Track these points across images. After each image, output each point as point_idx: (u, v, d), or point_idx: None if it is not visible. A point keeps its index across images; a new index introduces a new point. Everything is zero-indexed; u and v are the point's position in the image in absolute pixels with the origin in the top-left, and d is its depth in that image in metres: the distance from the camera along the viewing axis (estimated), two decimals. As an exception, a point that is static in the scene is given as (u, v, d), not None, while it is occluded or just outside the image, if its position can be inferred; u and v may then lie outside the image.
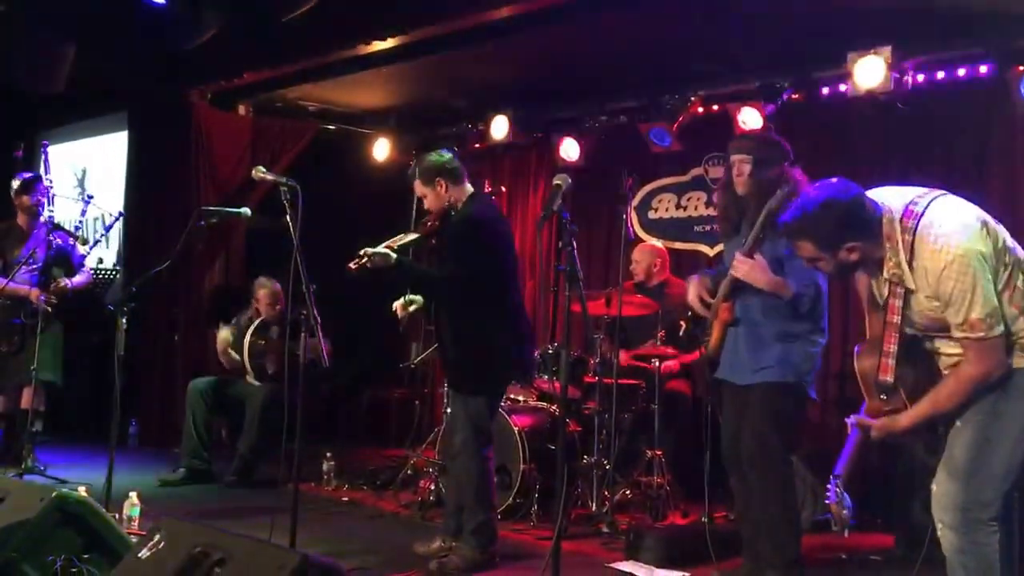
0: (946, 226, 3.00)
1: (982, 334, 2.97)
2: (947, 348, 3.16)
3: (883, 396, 3.22)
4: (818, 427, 6.68)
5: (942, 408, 3.11)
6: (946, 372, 3.18)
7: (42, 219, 6.86)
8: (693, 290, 4.39)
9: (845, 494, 3.31)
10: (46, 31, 7.18)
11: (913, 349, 3.22)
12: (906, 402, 3.18)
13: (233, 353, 6.90)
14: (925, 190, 3.16)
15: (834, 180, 3.18)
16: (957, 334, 3.02)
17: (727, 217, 4.43)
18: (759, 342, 4.25)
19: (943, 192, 3.16)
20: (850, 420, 3.33)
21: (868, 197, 3.11)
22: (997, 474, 3.05)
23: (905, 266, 3.06)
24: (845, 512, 3.31)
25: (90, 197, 7.05)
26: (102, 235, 6.97)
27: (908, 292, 3.09)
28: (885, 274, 3.11)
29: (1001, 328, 2.98)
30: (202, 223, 5.63)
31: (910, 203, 3.09)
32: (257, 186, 4.40)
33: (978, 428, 3.07)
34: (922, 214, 3.04)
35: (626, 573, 4.71)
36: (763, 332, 4.24)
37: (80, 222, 6.78)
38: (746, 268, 4.14)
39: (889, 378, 3.18)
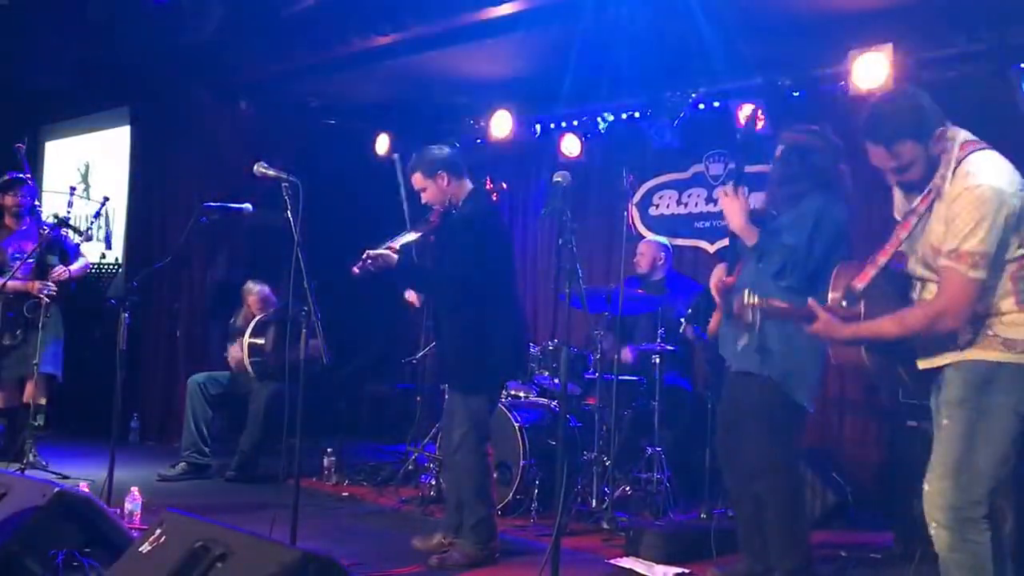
0: (986, 165, 3.07)
1: (964, 268, 3.01)
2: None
3: (844, 302, 3.24)
4: (818, 425, 6.70)
5: (890, 332, 3.15)
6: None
7: (33, 216, 6.87)
8: (715, 275, 4.36)
9: None
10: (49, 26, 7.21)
11: (895, 283, 3.26)
12: (862, 317, 3.20)
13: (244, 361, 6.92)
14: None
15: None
16: (942, 261, 3.06)
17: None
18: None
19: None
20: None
21: (935, 109, 3.18)
22: (985, 471, 3.06)
23: (948, 182, 3.11)
24: None
25: (72, 189, 7.02)
26: (91, 223, 6.98)
27: (929, 212, 3.15)
28: (929, 184, 3.17)
29: (983, 275, 3.01)
30: (204, 219, 5.64)
31: (974, 140, 3.17)
32: (258, 181, 4.41)
33: (964, 425, 3.08)
34: (977, 150, 3.12)
35: (626, 569, 4.72)
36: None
37: (68, 214, 6.77)
38: (726, 201, 4.17)
39: (861, 285, 3.21)
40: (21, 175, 6.98)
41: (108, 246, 7.86)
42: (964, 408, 3.09)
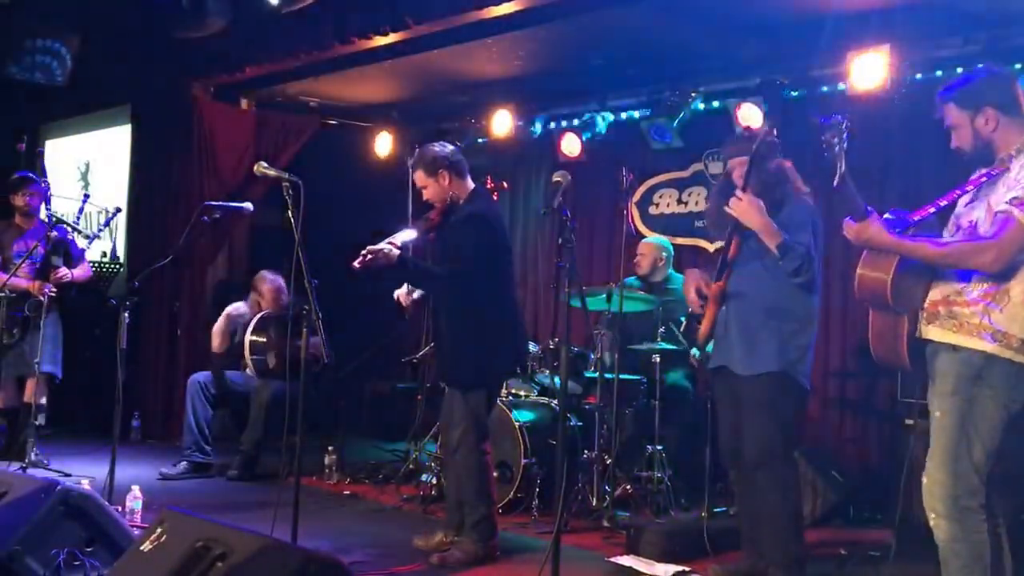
0: None
1: (1021, 215, 3.05)
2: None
3: (898, 229, 3.29)
4: (818, 424, 6.71)
5: (930, 252, 3.21)
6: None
7: (42, 217, 6.89)
8: (690, 283, 4.42)
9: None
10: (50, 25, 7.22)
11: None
12: (899, 245, 3.24)
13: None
14: None
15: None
16: (1000, 207, 3.10)
17: (717, 222, 4.49)
18: (747, 321, 4.24)
19: None
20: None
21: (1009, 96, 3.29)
22: (979, 460, 3.11)
23: (1017, 160, 3.18)
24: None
25: (87, 196, 7.07)
26: (100, 229, 7.02)
27: (991, 186, 3.22)
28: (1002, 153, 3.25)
29: None
30: (205, 218, 5.64)
31: None
32: (259, 181, 4.40)
33: (955, 417, 3.14)
34: None
35: (627, 567, 4.73)
36: (752, 309, 4.23)
37: (78, 218, 6.80)
38: (741, 206, 4.16)
39: (916, 218, 3.29)
40: (32, 175, 7.01)
41: (114, 256, 7.88)
42: (955, 399, 3.14)
